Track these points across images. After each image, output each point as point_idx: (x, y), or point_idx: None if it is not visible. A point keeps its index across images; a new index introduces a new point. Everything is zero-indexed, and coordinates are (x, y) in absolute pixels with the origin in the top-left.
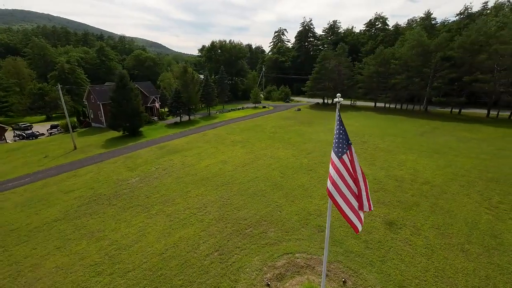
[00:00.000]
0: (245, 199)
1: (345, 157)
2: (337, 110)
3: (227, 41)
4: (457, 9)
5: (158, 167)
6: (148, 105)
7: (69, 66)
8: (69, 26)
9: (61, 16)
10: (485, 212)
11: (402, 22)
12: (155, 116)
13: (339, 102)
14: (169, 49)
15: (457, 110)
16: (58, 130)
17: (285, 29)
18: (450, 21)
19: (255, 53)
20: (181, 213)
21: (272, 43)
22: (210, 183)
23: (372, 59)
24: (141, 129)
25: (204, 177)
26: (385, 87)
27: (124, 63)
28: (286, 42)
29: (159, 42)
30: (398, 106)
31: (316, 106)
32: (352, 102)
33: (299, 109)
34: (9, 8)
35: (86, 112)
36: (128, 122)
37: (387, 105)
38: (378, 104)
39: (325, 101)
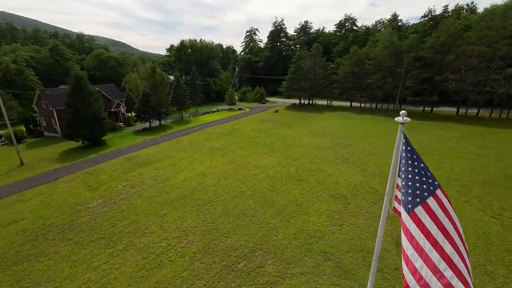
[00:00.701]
0: (233, 221)
1: (430, 203)
2: (400, 134)
3: (198, 40)
4: (416, 13)
5: (126, 184)
6: (112, 110)
7: (16, 67)
8: (16, 22)
9: (7, 12)
10: (492, 221)
11: (370, 23)
12: (121, 122)
13: (404, 120)
14: (135, 48)
15: (429, 109)
16: (1, 142)
17: (257, 29)
18: (412, 24)
19: (226, 53)
20: (156, 246)
21: (244, 43)
22: (190, 203)
23: (347, 59)
24: (104, 137)
25: (182, 195)
26: (360, 87)
27: (84, 63)
28: (258, 42)
29: (123, 41)
30: (373, 106)
31: (293, 107)
32: (328, 102)
33: (276, 111)
34: None
35: (38, 120)
36: (88, 130)
37: (362, 105)
38: (353, 104)
39: (302, 101)
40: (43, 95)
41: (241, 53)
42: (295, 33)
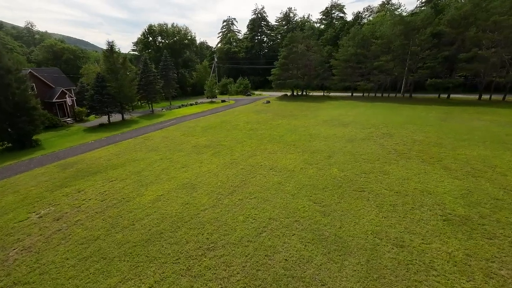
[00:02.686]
0: None
1: None
2: None
3: (169, 26)
4: None
5: (46, 213)
6: (54, 100)
7: None
8: None
9: None
10: None
11: (356, 10)
12: (68, 117)
13: None
14: (99, 47)
15: (446, 95)
16: None
17: (234, 18)
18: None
19: (200, 48)
20: None
21: (221, 33)
22: (168, 257)
23: (348, 39)
24: (36, 136)
25: (151, 235)
26: (363, 73)
27: (32, 55)
28: (236, 33)
29: (86, 40)
30: (378, 94)
31: (286, 97)
32: (325, 92)
33: (268, 102)
34: None
35: None
36: (9, 126)
37: (365, 94)
38: (354, 94)
39: (294, 92)
40: None
41: (218, 44)
42: (277, 23)
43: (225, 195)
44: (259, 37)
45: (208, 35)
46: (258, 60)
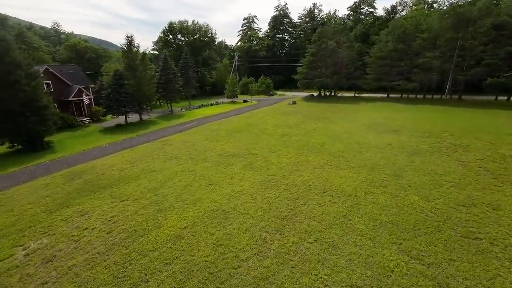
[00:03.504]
0: None
1: None
2: None
3: (190, 23)
4: None
5: (38, 249)
6: (71, 98)
7: None
8: None
9: None
10: None
11: (386, 6)
12: (85, 117)
13: None
14: (121, 47)
15: (505, 97)
16: None
17: (255, 16)
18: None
19: (219, 48)
20: None
21: (241, 31)
22: None
23: (386, 34)
24: (48, 138)
25: None
26: (402, 71)
27: (57, 54)
28: (257, 31)
29: (109, 40)
30: (417, 95)
31: (312, 98)
32: (356, 92)
33: (294, 102)
34: None
35: None
36: (18, 126)
37: (403, 95)
38: (391, 94)
39: (322, 93)
40: None
41: (238, 43)
42: (300, 20)
43: (271, 232)
44: (280, 35)
45: (225, 35)
46: (279, 58)
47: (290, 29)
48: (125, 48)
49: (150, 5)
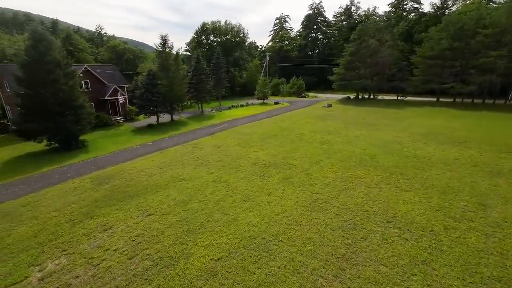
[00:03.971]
0: None
1: None
2: None
3: (222, 22)
4: None
5: (54, 272)
6: (107, 97)
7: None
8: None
9: (41, 14)
10: None
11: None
12: (120, 116)
13: None
14: (156, 49)
15: None
16: None
17: (288, 15)
18: None
19: (249, 48)
20: None
21: (272, 31)
22: None
23: (438, 30)
24: (83, 137)
25: None
26: (456, 72)
27: (99, 55)
28: (289, 30)
29: (145, 42)
30: (468, 100)
31: (349, 101)
32: (400, 96)
33: (329, 105)
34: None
35: (5, 110)
36: (54, 124)
37: (455, 99)
38: (441, 98)
39: (360, 95)
40: (3, 71)
41: (269, 43)
42: (335, 18)
43: (328, 279)
44: (313, 35)
45: (254, 36)
46: (311, 59)
47: (324, 28)
48: (159, 48)
49: (183, 9)
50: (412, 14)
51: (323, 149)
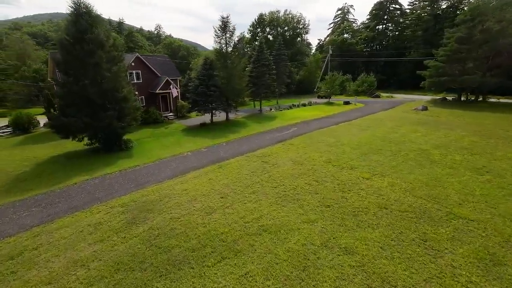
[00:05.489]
0: None
1: None
2: None
3: (281, 13)
4: None
5: None
6: (158, 91)
7: None
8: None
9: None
10: None
11: None
12: (170, 112)
13: None
14: (209, 49)
15: None
16: (6, 131)
17: (351, 6)
18: None
19: (301, 45)
20: None
21: (333, 23)
22: None
23: None
24: (128, 136)
25: None
26: None
27: (156, 52)
28: (352, 22)
29: (199, 42)
30: None
31: (446, 103)
32: None
33: (425, 108)
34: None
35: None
36: (96, 121)
37: None
38: None
39: (463, 97)
40: (53, 58)
41: (328, 37)
42: (410, 6)
43: None
44: (383, 25)
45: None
46: (377, 53)
47: (396, 18)
48: (218, 32)
49: (234, 10)
50: None
51: (490, 184)
